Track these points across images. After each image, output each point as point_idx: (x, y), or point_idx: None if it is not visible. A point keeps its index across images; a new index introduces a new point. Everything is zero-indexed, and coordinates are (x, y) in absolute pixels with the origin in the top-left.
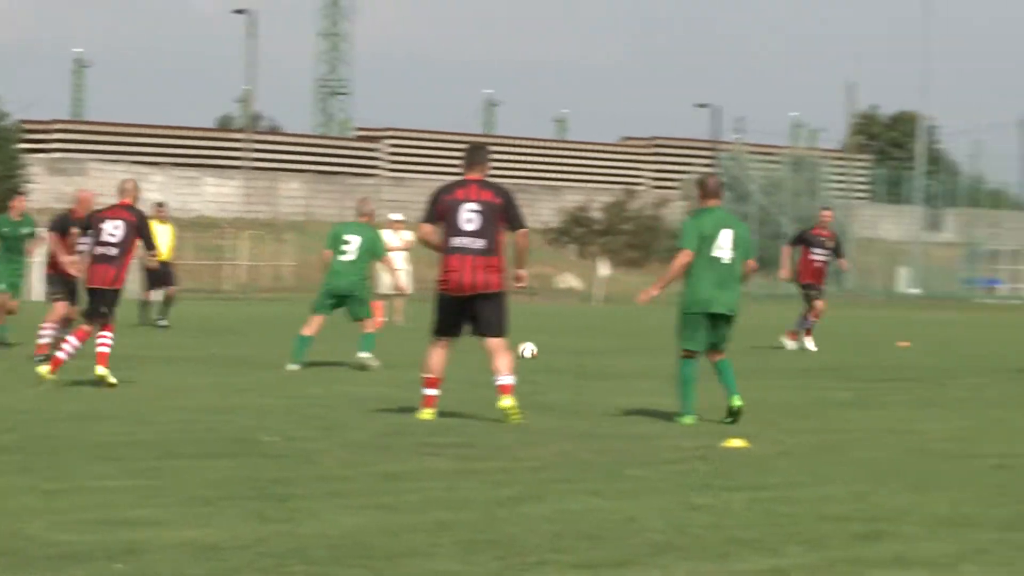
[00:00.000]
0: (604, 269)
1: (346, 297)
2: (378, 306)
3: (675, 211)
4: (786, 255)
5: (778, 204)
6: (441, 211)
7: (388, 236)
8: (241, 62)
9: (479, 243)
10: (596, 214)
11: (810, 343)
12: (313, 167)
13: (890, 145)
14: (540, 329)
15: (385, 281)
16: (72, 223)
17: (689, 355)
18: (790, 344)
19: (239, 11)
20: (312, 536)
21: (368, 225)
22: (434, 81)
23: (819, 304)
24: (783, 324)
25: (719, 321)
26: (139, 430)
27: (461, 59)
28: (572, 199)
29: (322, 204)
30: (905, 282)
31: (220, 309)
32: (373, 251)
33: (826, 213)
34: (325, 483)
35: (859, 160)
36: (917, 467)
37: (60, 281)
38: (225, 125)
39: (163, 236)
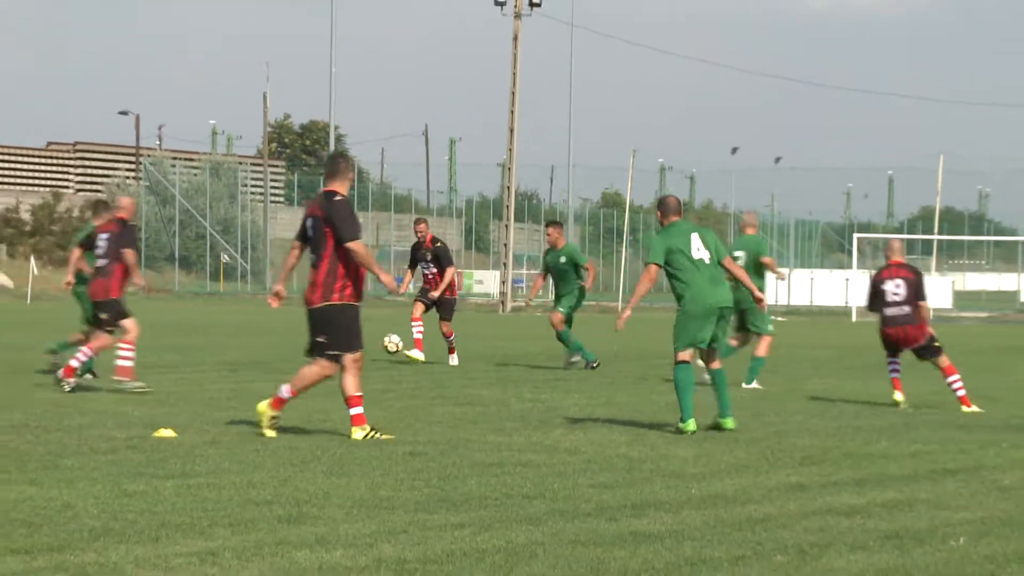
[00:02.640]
0: (35, 268)
1: None
2: None
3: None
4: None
5: (200, 207)
6: None
7: None
8: None
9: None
10: (25, 215)
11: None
12: None
13: (303, 152)
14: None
15: None
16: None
17: (684, 361)
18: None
19: None
20: None
21: None
22: None
23: None
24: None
25: (721, 315)
26: None
27: None
28: (2, 201)
29: None
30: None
31: None
32: None
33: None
34: None
35: (275, 165)
36: (333, 454)
37: None
38: None
39: None
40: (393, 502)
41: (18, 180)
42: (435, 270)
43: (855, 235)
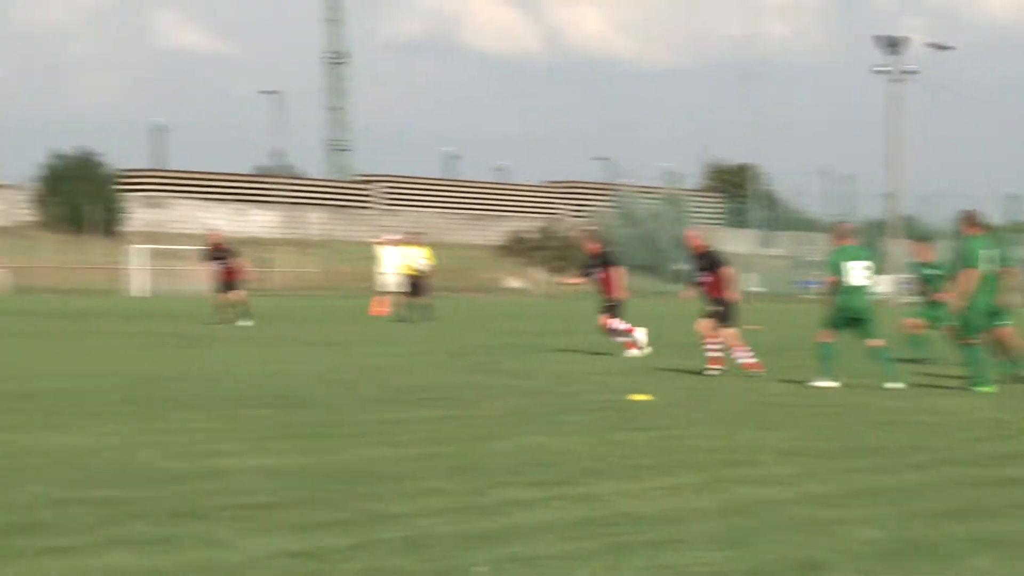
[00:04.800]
0: (538, 275)
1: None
2: (378, 300)
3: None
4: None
5: (657, 228)
6: None
7: (384, 251)
8: (273, 126)
9: None
10: (530, 235)
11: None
12: (329, 202)
13: (733, 186)
14: (494, 317)
15: (383, 282)
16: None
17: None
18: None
19: (267, 92)
20: (342, 463)
21: None
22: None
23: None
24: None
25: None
26: (216, 389)
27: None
28: (512, 225)
29: (337, 229)
30: (751, 283)
31: (266, 303)
32: None
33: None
34: (348, 427)
35: (712, 197)
36: (763, 414)
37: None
38: (263, 171)
39: (416, 256)
40: (810, 451)
41: (526, 210)
42: None
43: None
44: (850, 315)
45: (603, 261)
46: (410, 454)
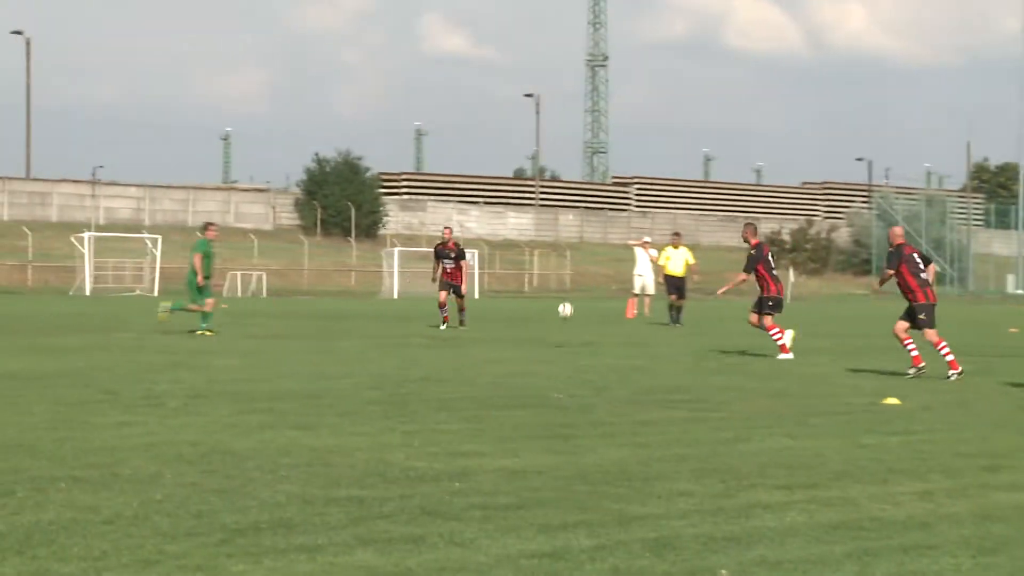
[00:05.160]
0: (792, 276)
1: None
2: (632, 302)
3: (843, 235)
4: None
5: (916, 230)
6: None
7: (639, 253)
8: (530, 131)
9: None
10: (786, 237)
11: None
12: (583, 204)
13: (998, 187)
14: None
15: (636, 283)
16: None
17: None
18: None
19: (528, 95)
20: (589, 464)
21: None
22: (666, 143)
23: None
24: None
25: None
26: (465, 389)
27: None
28: (768, 227)
29: (591, 231)
30: (1012, 285)
31: (521, 304)
32: None
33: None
34: (597, 427)
35: (975, 198)
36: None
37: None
38: (520, 175)
39: (679, 257)
40: None
41: (781, 211)
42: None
43: None
44: None
45: (758, 257)
46: (659, 455)
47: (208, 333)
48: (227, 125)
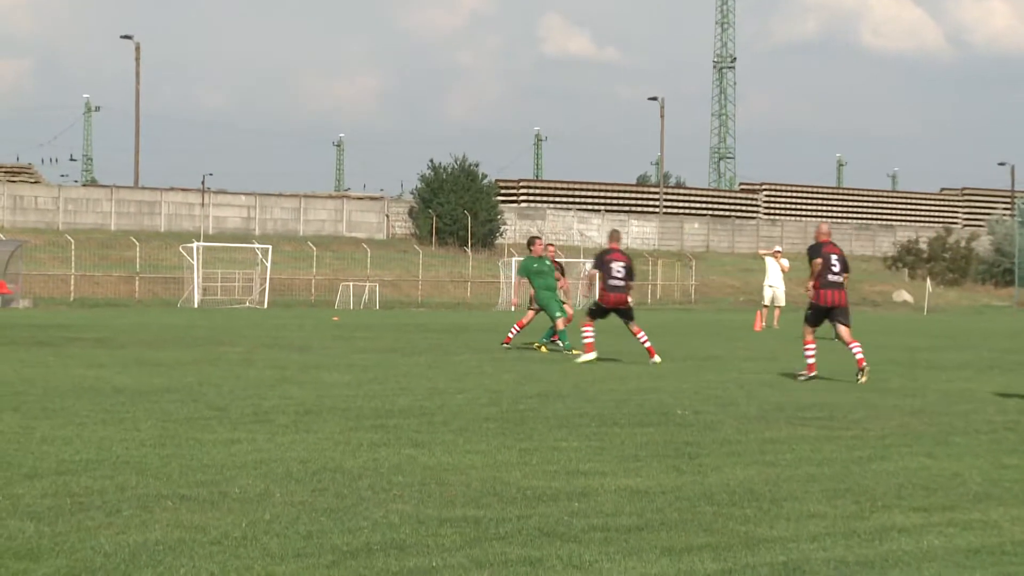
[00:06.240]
0: (929, 287)
1: None
2: (760, 314)
3: (983, 244)
4: None
5: None
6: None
7: (770, 262)
8: (654, 135)
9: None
10: (923, 246)
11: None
12: (709, 212)
13: None
14: (881, 332)
15: (766, 294)
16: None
17: None
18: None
19: (652, 98)
20: (715, 484)
21: None
22: (797, 148)
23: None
24: None
25: None
26: (586, 406)
27: (816, 130)
28: (903, 235)
29: (717, 240)
30: None
31: (644, 316)
32: None
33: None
34: (723, 445)
35: None
36: None
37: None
38: (643, 181)
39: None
40: None
41: (917, 218)
42: None
43: None
44: None
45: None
46: (788, 475)
47: (543, 348)
48: (340, 131)
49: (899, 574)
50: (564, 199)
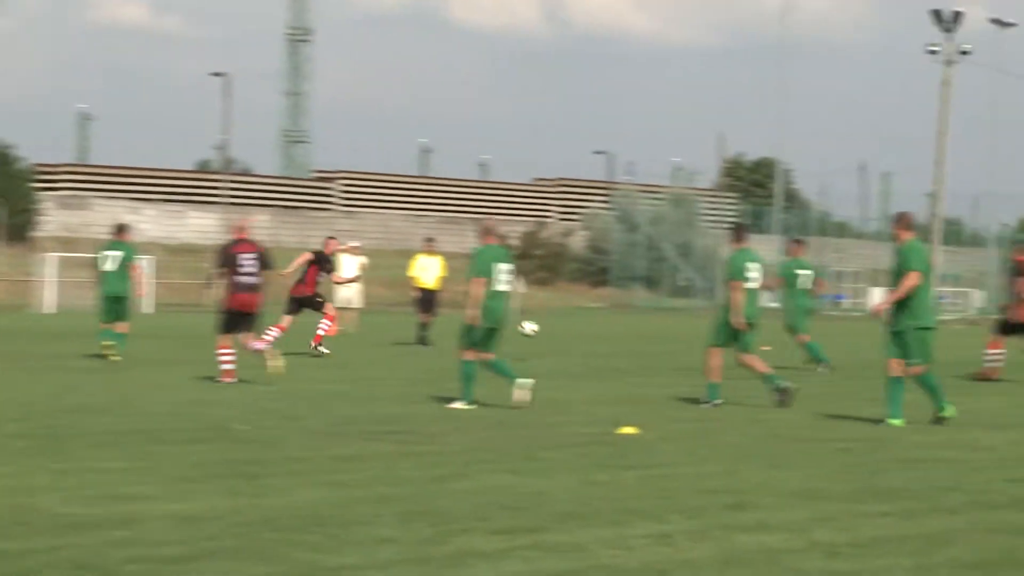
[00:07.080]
0: (521, 287)
1: None
2: (334, 317)
3: (578, 240)
4: None
5: (662, 234)
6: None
7: (345, 259)
8: (218, 115)
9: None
10: (514, 242)
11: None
12: (278, 203)
13: (753, 185)
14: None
15: (341, 295)
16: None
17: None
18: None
19: (216, 74)
20: (277, 508)
21: None
22: (378, 131)
23: None
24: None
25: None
26: (132, 421)
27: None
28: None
29: (287, 234)
30: (767, 298)
31: (200, 321)
32: None
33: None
34: (287, 464)
35: (728, 197)
36: (773, 449)
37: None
38: (204, 168)
39: (434, 267)
40: (825, 492)
41: (508, 210)
42: None
43: None
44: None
45: None
46: (359, 496)
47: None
48: None
49: None
50: (114, 187)
